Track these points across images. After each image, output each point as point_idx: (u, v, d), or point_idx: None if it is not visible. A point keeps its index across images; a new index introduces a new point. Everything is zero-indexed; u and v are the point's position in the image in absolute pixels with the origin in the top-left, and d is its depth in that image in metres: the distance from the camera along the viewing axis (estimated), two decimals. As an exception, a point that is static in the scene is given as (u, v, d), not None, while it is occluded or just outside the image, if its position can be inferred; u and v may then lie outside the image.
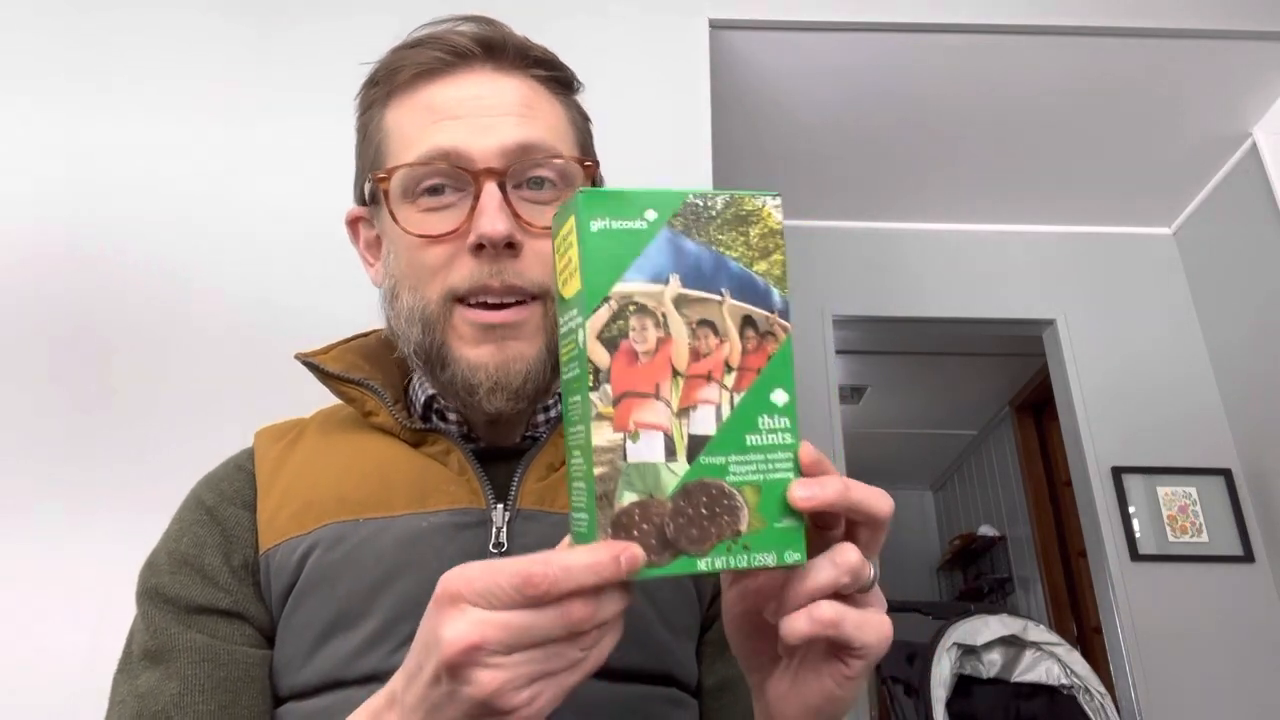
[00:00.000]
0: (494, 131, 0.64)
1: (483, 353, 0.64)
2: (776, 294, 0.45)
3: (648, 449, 0.42)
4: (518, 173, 0.65)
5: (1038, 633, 2.07)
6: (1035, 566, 4.19)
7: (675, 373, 0.43)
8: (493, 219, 0.61)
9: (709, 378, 0.43)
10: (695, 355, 0.43)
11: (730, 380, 0.44)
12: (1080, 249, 2.89)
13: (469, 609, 0.41)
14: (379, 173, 0.67)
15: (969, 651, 2.06)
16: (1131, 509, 2.53)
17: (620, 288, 0.43)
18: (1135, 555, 2.48)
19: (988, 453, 4.95)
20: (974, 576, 5.02)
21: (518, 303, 0.64)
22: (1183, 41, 2.16)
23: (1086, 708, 1.99)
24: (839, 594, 0.44)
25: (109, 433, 1.48)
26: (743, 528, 0.43)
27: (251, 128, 1.73)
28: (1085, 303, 2.81)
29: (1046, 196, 2.78)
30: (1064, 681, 2.03)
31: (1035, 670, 2.05)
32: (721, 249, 0.45)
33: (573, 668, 0.42)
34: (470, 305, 0.64)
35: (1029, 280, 2.86)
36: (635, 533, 0.41)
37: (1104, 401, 2.67)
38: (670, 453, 0.43)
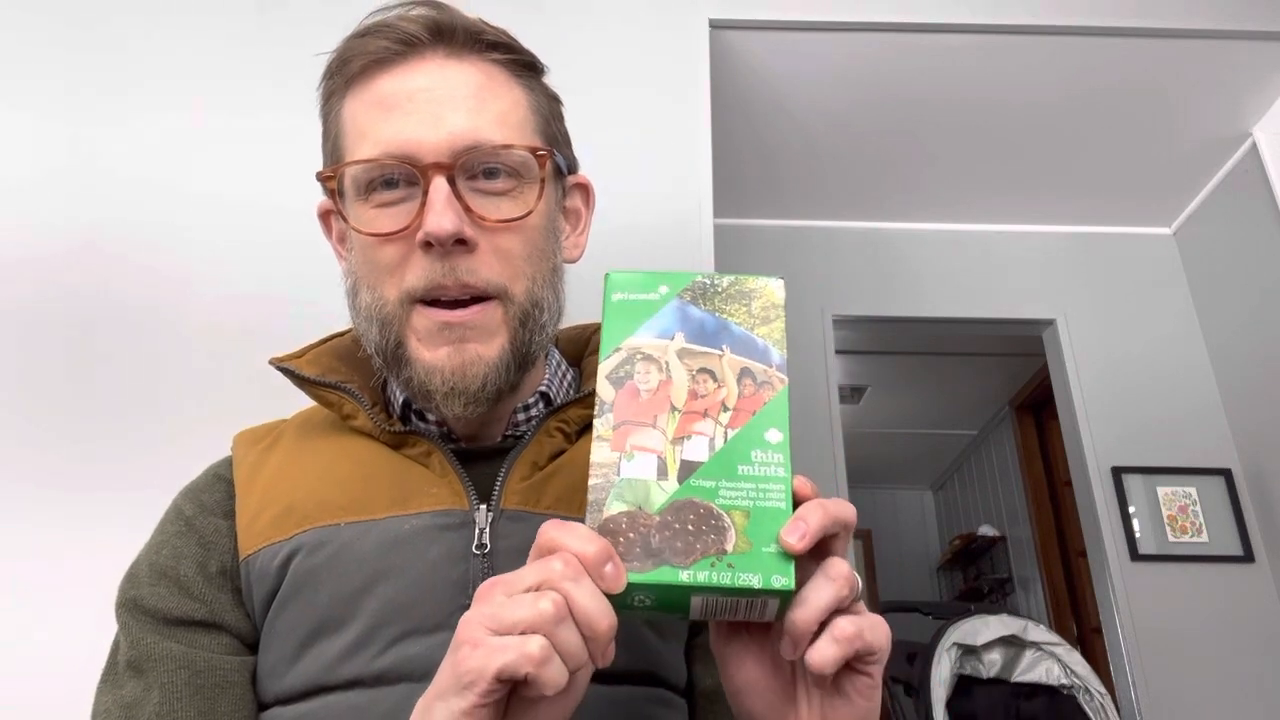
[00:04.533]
0: (443, 123, 0.62)
1: (439, 355, 0.62)
2: (776, 352, 0.50)
3: (640, 468, 0.47)
4: (469, 165, 0.63)
5: (1038, 633, 2.07)
6: (1035, 566, 4.19)
7: (673, 408, 0.48)
8: (440, 216, 0.60)
9: (704, 414, 0.48)
10: (693, 396, 0.49)
11: (725, 419, 0.48)
12: (1080, 249, 2.89)
13: None
14: (324, 171, 0.66)
15: (969, 651, 2.05)
16: (1131, 509, 2.53)
17: (630, 340, 0.50)
18: (1135, 555, 2.48)
19: (988, 453, 4.95)
20: (974, 576, 5.02)
21: (474, 300, 0.63)
22: (1183, 41, 2.15)
23: (1086, 708, 1.99)
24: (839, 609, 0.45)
25: (109, 433, 1.48)
26: (728, 547, 0.44)
27: (249, 122, 1.73)
28: (1085, 303, 2.81)
29: (1046, 196, 2.78)
30: (1064, 681, 2.03)
31: (1035, 670, 2.05)
32: (725, 315, 0.51)
33: (521, 631, 0.42)
34: (427, 304, 0.63)
35: (1029, 280, 2.86)
36: (621, 539, 0.45)
37: (1104, 401, 2.67)
38: (662, 473, 0.47)
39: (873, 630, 0.45)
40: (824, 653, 0.44)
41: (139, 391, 1.52)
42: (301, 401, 0.75)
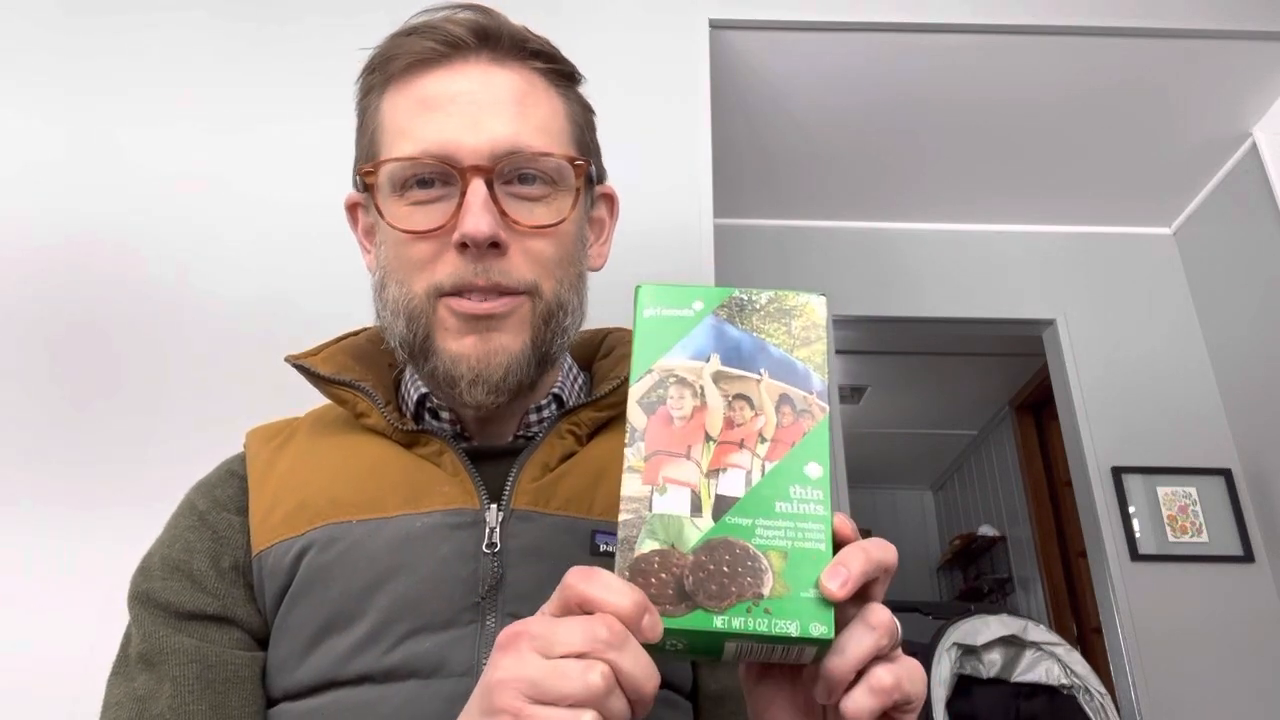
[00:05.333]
0: (484, 128, 0.63)
1: (465, 344, 0.63)
2: (816, 378, 0.47)
3: (673, 503, 0.44)
4: (506, 170, 0.64)
5: (1038, 633, 2.07)
6: (1035, 566, 4.19)
7: (708, 438, 0.45)
8: (477, 218, 0.61)
9: (741, 445, 0.45)
10: (729, 424, 0.46)
11: (763, 450, 0.45)
12: (1080, 249, 2.89)
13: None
14: (365, 166, 0.67)
15: (969, 651, 2.05)
16: (1131, 509, 2.53)
17: (663, 362, 0.47)
18: (1135, 555, 2.48)
19: (988, 453, 4.95)
20: (974, 576, 5.02)
21: (502, 295, 0.64)
22: (1183, 41, 2.15)
23: (1086, 708, 1.99)
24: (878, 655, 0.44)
25: (111, 432, 1.48)
26: (765, 591, 0.42)
27: (251, 125, 1.73)
28: (1085, 303, 2.81)
29: (1046, 196, 2.78)
30: (1064, 681, 2.02)
31: (1035, 670, 2.05)
32: (763, 336, 0.48)
33: (568, 705, 0.40)
34: (454, 297, 0.63)
35: (1029, 280, 2.86)
36: (653, 580, 0.42)
37: (1104, 401, 2.67)
38: (696, 509, 0.44)
39: (911, 680, 0.44)
40: (859, 703, 0.43)
41: (148, 390, 1.52)
42: (312, 400, 0.75)
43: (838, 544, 0.45)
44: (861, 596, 0.45)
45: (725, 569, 0.42)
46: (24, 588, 1.37)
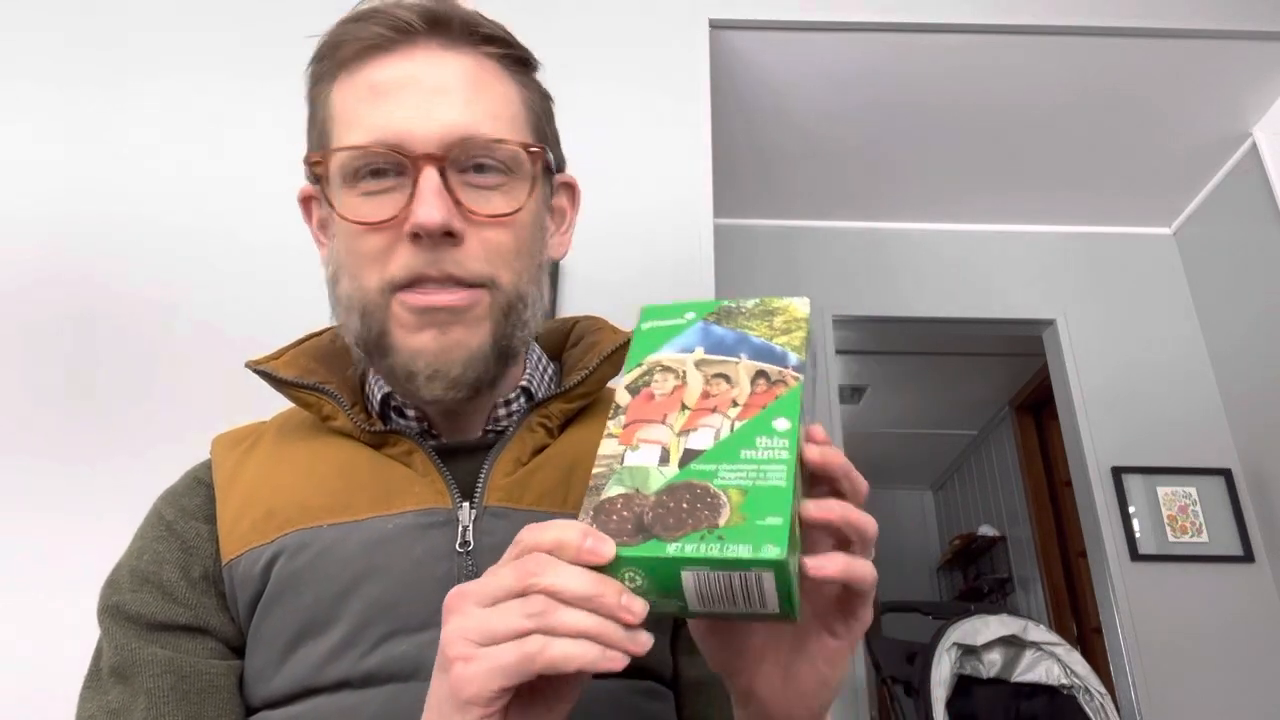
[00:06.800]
0: (435, 114, 0.61)
1: (423, 339, 0.61)
2: (794, 356, 0.50)
3: (644, 456, 0.47)
4: (460, 158, 0.62)
5: (1038, 633, 2.07)
6: (1035, 566, 4.19)
7: (684, 407, 0.49)
8: (429, 207, 0.59)
9: (714, 410, 0.48)
10: (705, 396, 0.49)
11: (734, 413, 0.48)
12: (1080, 249, 2.89)
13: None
14: (314, 155, 0.65)
15: (969, 651, 2.06)
16: (1131, 509, 2.53)
17: (652, 357, 0.52)
18: (1135, 555, 2.48)
19: (988, 453, 4.95)
20: (974, 576, 5.02)
21: (459, 288, 0.62)
22: (1183, 41, 2.16)
23: (1086, 708, 1.99)
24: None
25: (107, 433, 1.48)
26: (721, 522, 0.43)
27: (248, 125, 1.73)
28: (1085, 303, 2.81)
29: (1046, 196, 2.78)
30: (1064, 681, 2.03)
31: (1035, 670, 2.05)
32: (746, 330, 0.52)
33: (515, 637, 0.41)
34: (408, 289, 0.62)
35: (1029, 280, 2.86)
36: (614, 518, 0.44)
37: (1104, 401, 2.67)
38: (664, 460, 0.46)
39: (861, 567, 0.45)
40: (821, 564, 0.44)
41: (124, 394, 1.52)
42: (283, 403, 0.74)
43: (815, 476, 0.47)
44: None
45: (684, 505, 0.44)
46: (21, 588, 1.37)
